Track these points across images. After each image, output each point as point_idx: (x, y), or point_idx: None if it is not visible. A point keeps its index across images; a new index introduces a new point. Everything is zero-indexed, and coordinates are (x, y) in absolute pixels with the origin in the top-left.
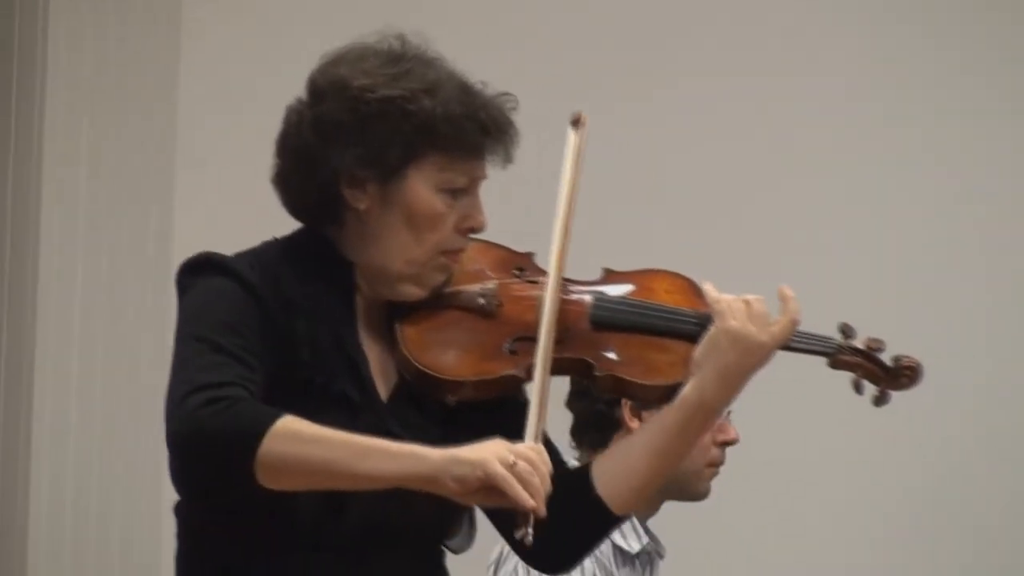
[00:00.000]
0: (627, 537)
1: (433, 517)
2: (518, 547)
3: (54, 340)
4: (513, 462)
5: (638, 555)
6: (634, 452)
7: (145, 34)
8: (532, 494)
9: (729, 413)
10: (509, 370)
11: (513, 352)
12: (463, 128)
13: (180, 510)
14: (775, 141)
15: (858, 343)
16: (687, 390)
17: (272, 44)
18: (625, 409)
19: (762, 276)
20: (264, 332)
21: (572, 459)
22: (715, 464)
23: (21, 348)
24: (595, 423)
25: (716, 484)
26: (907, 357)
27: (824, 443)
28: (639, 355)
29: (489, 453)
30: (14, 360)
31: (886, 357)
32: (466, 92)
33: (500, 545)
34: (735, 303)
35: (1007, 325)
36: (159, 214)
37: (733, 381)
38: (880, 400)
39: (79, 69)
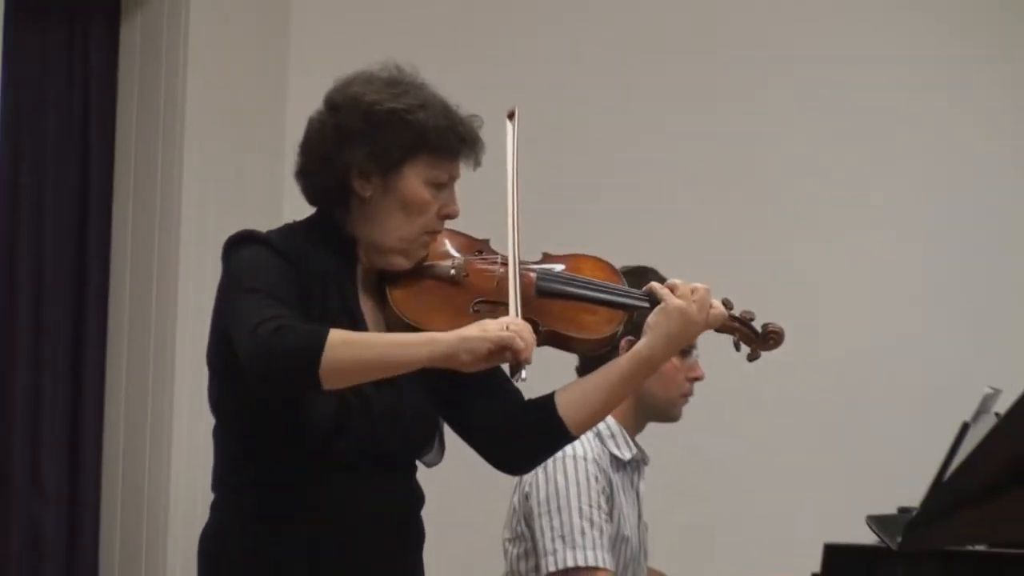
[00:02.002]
0: (620, 448)
1: (415, 436)
2: (488, 441)
3: (191, 325)
4: (507, 326)
5: (628, 462)
6: (590, 389)
7: (259, 45)
8: (527, 345)
9: (697, 355)
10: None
11: (476, 311)
12: (447, 137)
13: (216, 433)
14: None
15: (736, 313)
16: (641, 346)
17: (373, 44)
18: None
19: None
20: (292, 287)
21: None
22: (686, 395)
23: (164, 332)
24: None
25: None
26: (772, 324)
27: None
28: (573, 316)
29: (489, 326)
30: (159, 346)
31: (757, 324)
32: (448, 109)
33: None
34: (683, 288)
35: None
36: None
37: (673, 345)
38: (752, 357)
39: (212, 72)
